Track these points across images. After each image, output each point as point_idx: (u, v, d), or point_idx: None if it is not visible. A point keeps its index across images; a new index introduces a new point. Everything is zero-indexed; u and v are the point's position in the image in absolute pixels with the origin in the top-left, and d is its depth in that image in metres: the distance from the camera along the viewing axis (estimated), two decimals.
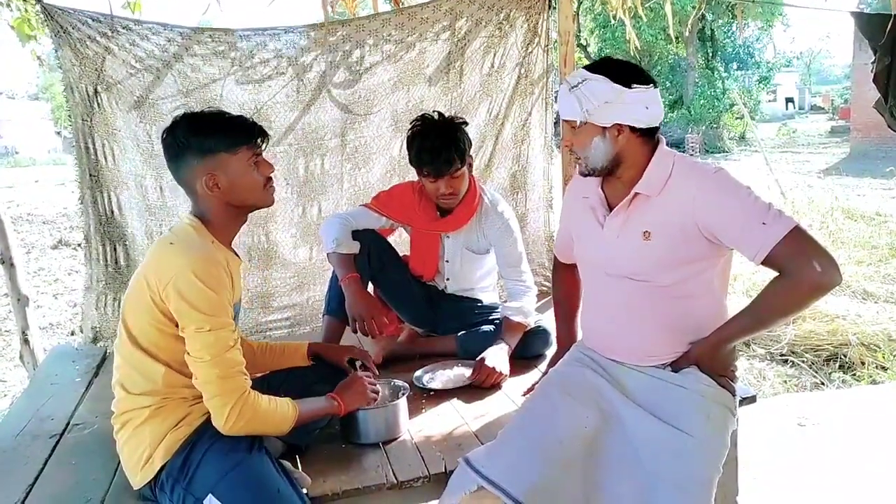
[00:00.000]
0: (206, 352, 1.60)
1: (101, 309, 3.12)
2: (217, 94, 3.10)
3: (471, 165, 2.56)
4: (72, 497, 1.77)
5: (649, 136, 1.72)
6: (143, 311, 1.64)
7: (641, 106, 1.66)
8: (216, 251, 1.68)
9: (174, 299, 1.58)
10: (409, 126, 2.50)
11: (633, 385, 1.77)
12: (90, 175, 3.01)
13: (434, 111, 2.52)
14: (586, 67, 1.71)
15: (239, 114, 1.79)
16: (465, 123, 2.53)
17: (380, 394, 2.05)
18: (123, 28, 2.91)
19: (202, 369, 1.61)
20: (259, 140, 1.74)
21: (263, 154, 1.77)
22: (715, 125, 23.60)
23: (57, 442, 2.11)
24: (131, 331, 1.67)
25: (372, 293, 2.56)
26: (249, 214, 1.83)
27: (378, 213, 2.64)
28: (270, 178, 1.77)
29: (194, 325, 1.59)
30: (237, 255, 1.79)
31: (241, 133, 1.71)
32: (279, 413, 1.71)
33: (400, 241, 3.37)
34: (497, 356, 2.43)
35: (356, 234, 2.57)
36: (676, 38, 22.07)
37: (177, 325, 1.63)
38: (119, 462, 1.75)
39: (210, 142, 1.67)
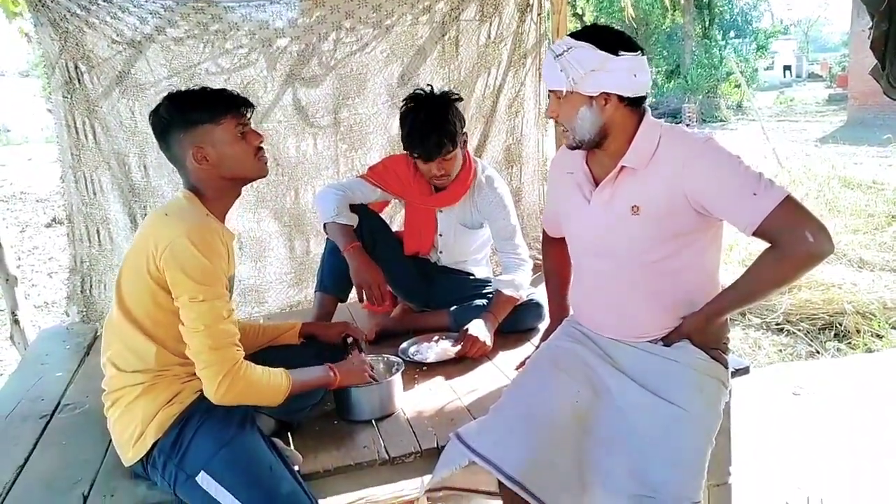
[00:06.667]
0: (200, 322, 1.59)
1: (87, 291, 3.09)
2: (202, 69, 3.04)
3: (465, 142, 2.52)
4: (62, 478, 1.76)
5: (636, 107, 1.68)
6: (140, 285, 1.63)
7: (629, 73, 1.62)
8: (210, 221, 1.68)
9: (171, 267, 1.57)
10: (402, 102, 2.45)
11: (626, 360, 1.76)
12: (72, 154, 2.96)
13: (428, 85, 2.47)
14: (572, 35, 1.66)
15: (223, 87, 1.77)
16: (459, 99, 2.47)
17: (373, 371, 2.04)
18: (104, 0, 2.84)
19: (195, 339, 1.61)
20: (244, 110, 1.73)
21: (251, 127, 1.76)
22: (712, 94, 23.42)
23: (47, 423, 2.09)
24: (127, 306, 1.66)
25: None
26: (239, 195, 1.82)
27: (374, 185, 2.60)
28: (261, 148, 1.76)
29: (188, 295, 1.58)
30: (230, 231, 1.78)
31: (223, 103, 1.70)
32: (272, 384, 1.70)
33: (392, 215, 3.35)
34: (482, 327, 2.41)
35: (364, 217, 2.57)
36: (673, 6, 21.81)
37: (172, 297, 1.62)
38: (110, 442, 1.74)
39: (193, 114, 1.67)
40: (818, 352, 4.05)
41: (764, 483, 2.64)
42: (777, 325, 4.39)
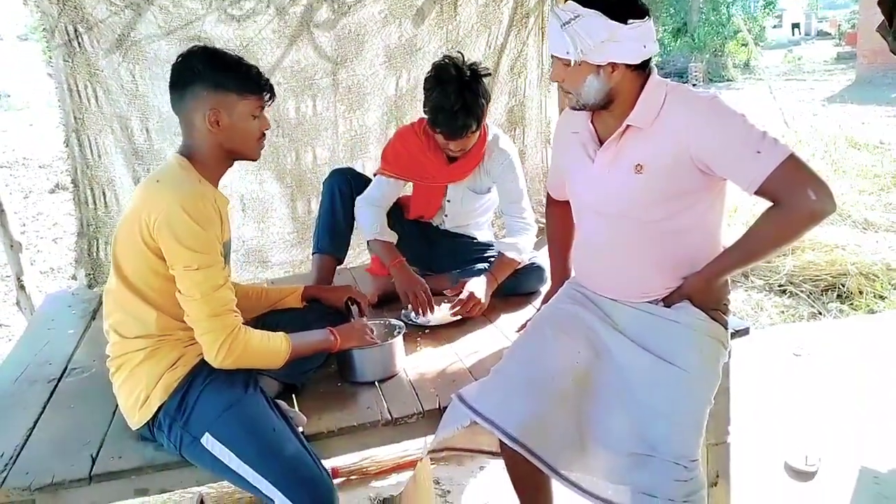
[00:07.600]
0: (196, 290, 1.61)
1: (93, 254, 3.11)
2: (200, 31, 3.01)
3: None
4: (71, 440, 1.78)
5: (642, 69, 1.66)
6: (136, 254, 1.64)
7: (638, 44, 1.60)
8: (203, 187, 1.68)
9: (165, 236, 1.58)
10: (431, 68, 2.39)
11: (626, 321, 1.77)
12: (75, 117, 2.96)
13: (457, 52, 2.42)
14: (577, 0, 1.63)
15: (223, 50, 1.78)
16: (489, 74, 2.44)
17: (375, 334, 2.06)
18: None
19: (192, 307, 1.63)
20: (267, 95, 1.76)
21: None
22: (719, 53, 23.08)
23: (55, 386, 2.11)
24: (125, 273, 1.67)
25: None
26: (231, 167, 1.83)
27: (396, 178, 2.59)
28: (264, 135, 1.80)
29: (183, 264, 1.59)
30: (224, 196, 1.78)
31: (254, 81, 1.73)
32: (272, 348, 1.73)
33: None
34: (481, 285, 2.43)
35: (354, 178, 2.62)
36: None
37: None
38: (117, 404, 1.76)
39: (224, 78, 1.68)
40: (820, 313, 4.06)
41: (764, 442, 2.67)
42: (780, 286, 4.39)
